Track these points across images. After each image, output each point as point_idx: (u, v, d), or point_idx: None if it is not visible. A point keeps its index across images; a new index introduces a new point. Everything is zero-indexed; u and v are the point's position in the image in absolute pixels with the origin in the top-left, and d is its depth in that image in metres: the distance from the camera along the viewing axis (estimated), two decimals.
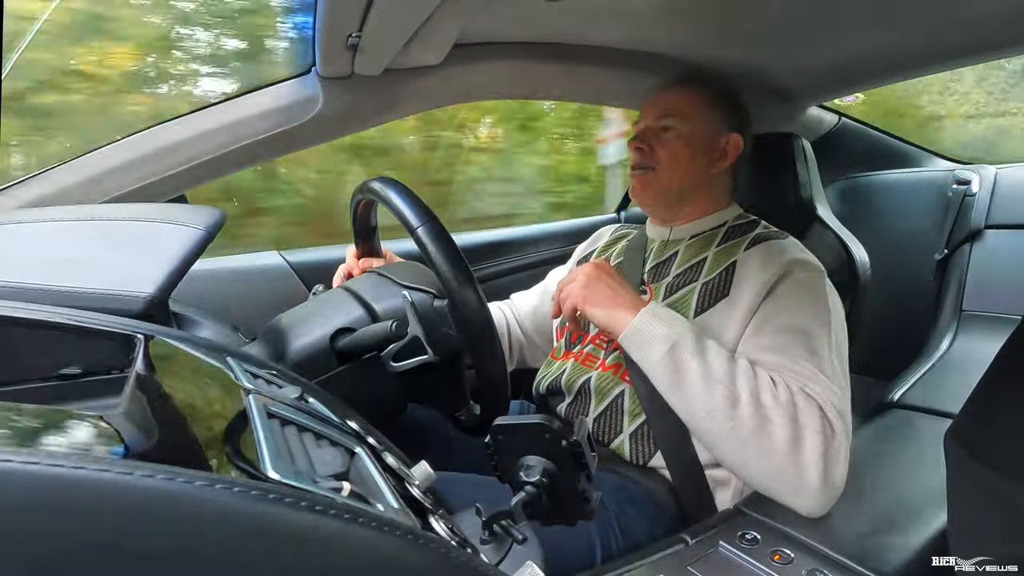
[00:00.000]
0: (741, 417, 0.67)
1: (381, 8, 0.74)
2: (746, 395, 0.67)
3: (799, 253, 0.82)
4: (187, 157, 0.92)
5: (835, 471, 0.66)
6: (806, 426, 0.66)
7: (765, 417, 0.66)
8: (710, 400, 0.68)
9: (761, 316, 0.77)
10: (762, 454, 0.66)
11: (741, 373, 0.69)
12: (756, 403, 0.67)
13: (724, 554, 0.62)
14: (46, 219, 0.68)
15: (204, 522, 0.24)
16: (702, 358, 0.70)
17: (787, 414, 0.66)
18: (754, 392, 0.68)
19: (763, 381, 0.69)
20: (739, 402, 0.67)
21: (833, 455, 0.66)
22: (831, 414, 0.68)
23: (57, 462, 0.22)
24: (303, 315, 0.73)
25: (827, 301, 0.78)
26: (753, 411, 0.67)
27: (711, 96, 0.92)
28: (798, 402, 0.68)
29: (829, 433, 0.67)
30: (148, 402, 0.37)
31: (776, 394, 0.68)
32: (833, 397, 0.69)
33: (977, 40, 1.07)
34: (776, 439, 0.66)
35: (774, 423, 0.66)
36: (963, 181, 1.42)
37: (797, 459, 0.65)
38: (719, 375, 0.69)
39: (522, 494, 0.45)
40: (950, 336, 1.32)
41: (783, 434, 0.66)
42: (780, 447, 0.66)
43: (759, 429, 0.66)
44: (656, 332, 0.72)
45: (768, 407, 0.67)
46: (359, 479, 0.36)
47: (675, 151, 0.90)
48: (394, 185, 0.71)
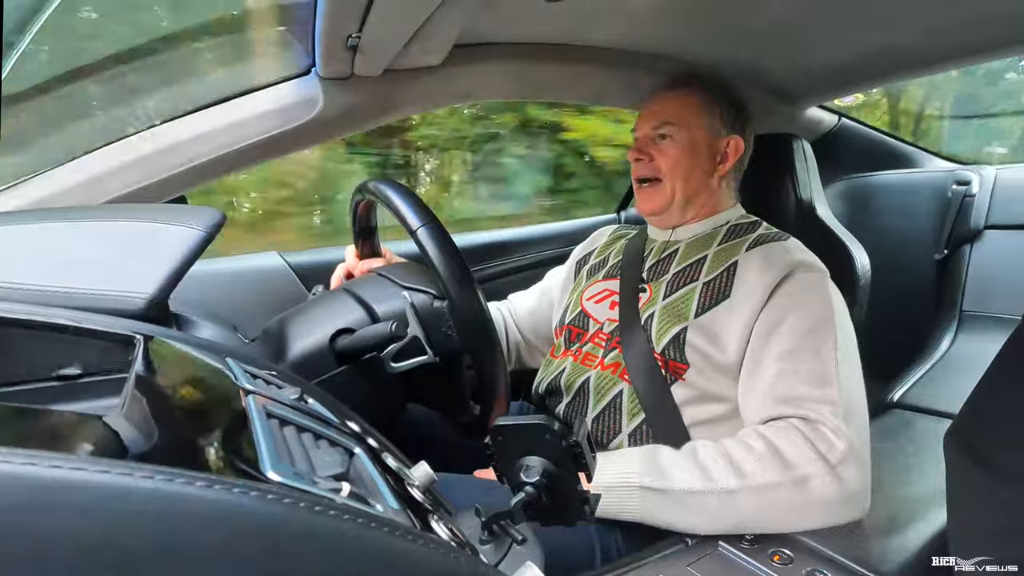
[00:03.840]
0: (743, 503, 0.65)
1: (381, 9, 0.74)
2: (734, 482, 0.66)
3: (801, 254, 0.82)
4: (187, 158, 0.92)
5: (851, 474, 0.65)
6: (798, 463, 0.65)
7: (763, 486, 0.65)
8: (704, 513, 0.66)
9: (765, 321, 0.76)
10: (782, 513, 0.65)
11: (713, 465, 0.67)
12: (745, 481, 0.65)
13: (724, 554, 0.62)
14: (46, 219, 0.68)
15: (204, 523, 0.24)
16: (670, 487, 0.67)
17: (777, 464, 0.65)
18: (738, 473, 0.66)
19: (735, 452, 0.68)
20: (732, 494, 0.65)
21: (844, 470, 0.65)
22: (829, 426, 0.67)
23: (56, 463, 0.22)
24: (303, 316, 0.74)
25: (831, 302, 0.77)
26: (748, 491, 0.65)
27: (708, 99, 0.92)
28: (779, 444, 0.67)
29: (831, 449, 0.66)
30: (148, 403, 0.37)
31: (754, 451, 0.67)
32: (835, 399, 0.69)
33: (977, 40, 1.07)
34: (783, 495, 0.65)
35: (773, 484, 0.65)
36: (963, 181, 1.42)
37: (811, 496, 0.65)
38: (696, 486, 0.66)
39: (522, 495, 0.45)
40: (950, 336, 1.32)
41: (787, 488, 0.65)
42: (790, 499, 0.65)
43: (764, 499, 0.65)
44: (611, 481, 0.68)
45: (757, 475, 0.65)
46: (358, 479, 0.36)
47: (675, 159, 0.89)
48: (394, 186, 0.71)
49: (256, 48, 1.05)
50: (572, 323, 0.96)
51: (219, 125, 0.93)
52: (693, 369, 0.79)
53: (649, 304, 0.86)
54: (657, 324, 0.83)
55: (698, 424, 0.79)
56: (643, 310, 0.86)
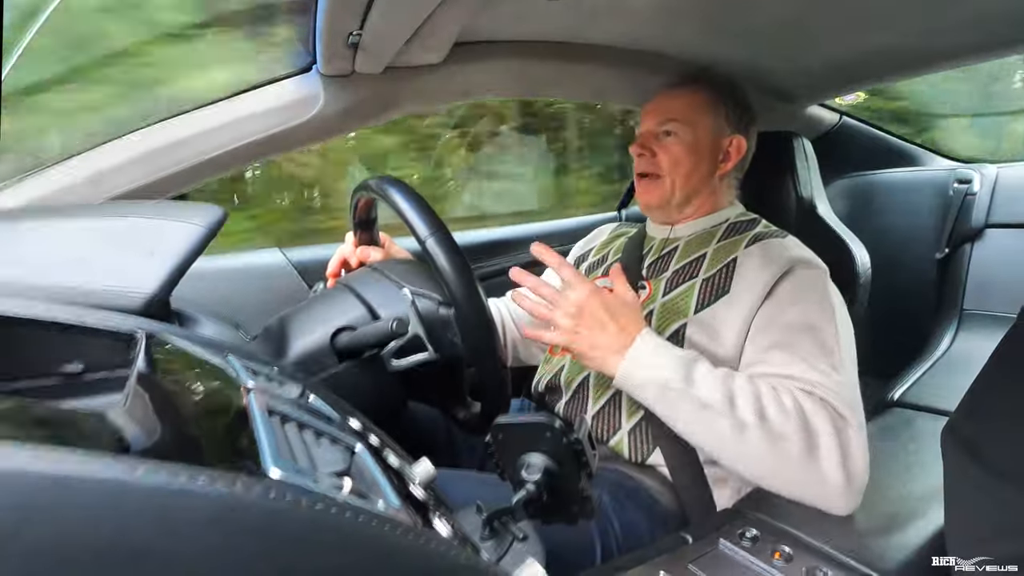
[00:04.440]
0: (751, 442, 0.65)
1: (382, 6, 0.74)
2: (752, 417, 0.66)
3: (800, 252, 0.82)
4: (188, 155, 0.92)
5: (855, 466, 0.65)
6: (818, 431, 0.65)
7: (776, 434, 0.65)
8: (712, 433, 0.67)
9: (764, 315, 0.76)
10: (781, 469, 0.66)
11: (740, 395, 0.67)
12: (763, 422, 0.65)
13: (725, 552, 0.62)
14: (47, 217, 0.68)
15: (205, 519, 0.24)
16: (693, 395, 0.68)
17: (798, 424, 0.65)
18: (759, 412, 0.66)
19: (766, 396, 0.67)
20: (746, 427, 0.65)
21: (851, 451, 0.65)
22: (842, 409, 0.67)
23: (59, 460, 0.22)
24: (304, 313, 0.74)
25: (831, 299, 0.77)
26: (762, 432, 0.65)
27: (713, 98, 0.92)
28: (805, 407, 0.67)
29: (843, 429, 0.66)
30: (149, 400, 0.37)
31: (782, 405, 0.67)
32: (844, 390, 0.69)
33: (977, 40, 1.07)
34: (792, 453, 0.65)
35: (787, 438, 0.65)
36: (964, 180, 1.42)
37: (816, 466, 0.65)
38: (718, 406, 0.67)
39: (522, 492, 0.45)
40: (950, 335, 1.32)
41: (797, 447, 0.65)
42: (797, 458, 0.65)
43: (772, 447, 0.65)
44: (642, 376, 0.70)
45: (776, 422, 0.65)
46: (360, 477, 0.36)
47: (677, 156, 0.90)
48: (403, 190, 0.70)
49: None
50: None
51: (220, 122, 0.93)
52: None
53: (649, 301, 0.87)
54: (657, 321, 0.83)
55: None
56: (643, 307, 0.86)
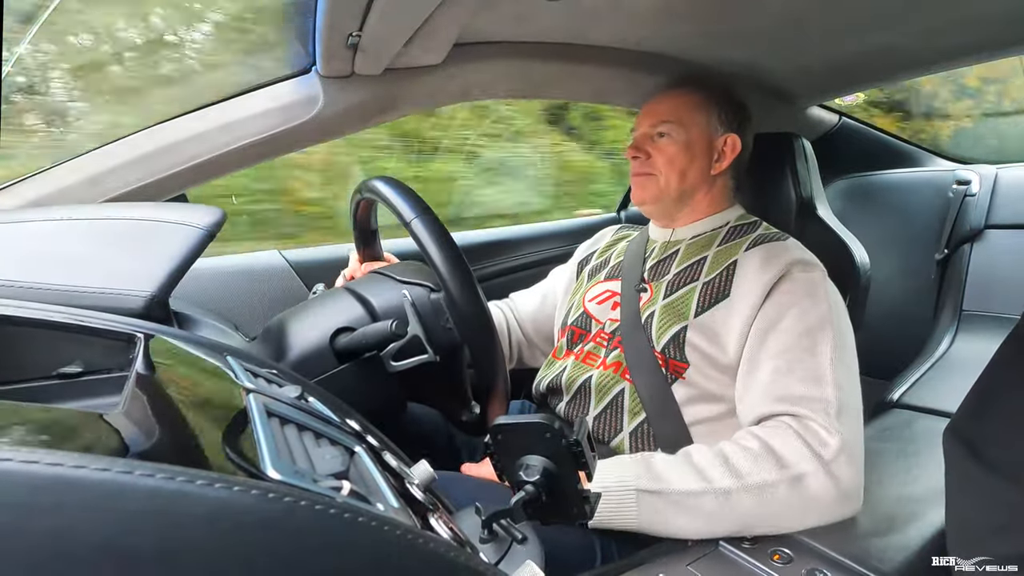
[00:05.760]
0: (741, 503, 0.65)
1: (381, 7, 0.74)
2: (730, 482, 0.65)
3: (800, 253, 0.82)
4: (187, 156, 0.92)
5: (845, 478, 0.65)
6: (795, 462, 0.65)
7: (759, 485, 0.65)
8: (701, 514, 0.65)
9: (762, 320, 0.76)
10: (778, 512, 0.65)
11: (709, 466, 0.66)
12: (742, 481, 0.65)
13: (724, 554, 0.62)
14: (47, 218, 0.68)
15: (204, 521, 0.24)
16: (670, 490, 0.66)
17: (773, 464, 0.65)
18: (734, 473, 0.66)
19: (731, 453, 0.67)
20: (730, 494, 0.65)
21: (837, 467, 0.65)
22: (821, 423, 0.67)
23: (57, 461, 0.22)
24: (303, 314, 0.74)
25: (828, 299, 0.77)
26: (745, 490, 0.65)
27: (706, 98, 0.92)
28: (774, 444, 0.67)
29: (824, 444, 0.66)
30: (148, 401, 0.37)
31: (750, 453, 0.67)
32: (829, 396, 0.69)
33: (977, 40, 1.07)
34: (780, 496, 0.64)
35: (770, 483, 0.65)
36: (963, 181, 1.42)
37: (806, 494, 0.65)
38: (694, 487, 0.65)
39: (522, 493, 0.45)
40: (950, 336, 1.32)
41: (784, 487, 0.64)
42: (787, 497, 0.64)
43: (761, 498, 0.65)
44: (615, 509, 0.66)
45: (753, 474, 0.65)
46: (359, 478, 0.36)
47: (672, 156, 0.90)
48: (389, 181, 0.71)
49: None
50: (575, 324, 0.96)
51: (219, 124, 0.93)
52: (693, 368, 0.79)
53: (650, 303, 0.87)
54: (657, 323, 0.83)
55: (699, 423, 0.79)
56: (643, 309, 0.87)
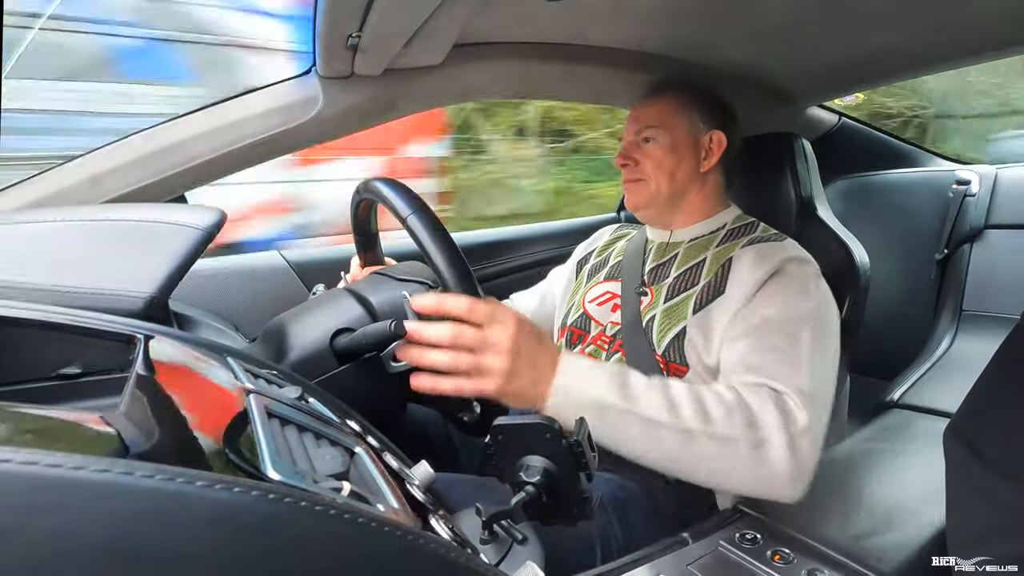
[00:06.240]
0: (700, 448, 0.64)
1: (381, 8, 0.74)
2: (697, 424, 0.64)
3: (795, 251, 0.82)
4: (187, 157, 0.92)
5: (803, 456, 0.64)
6: (765, 424, 0.64)
7: (724, 437, 0.64)
8: (661, 447, 0.64)
9: (747, 309, 0.77)
10: (733, 471, 0.64)
11: (683, 403, 0.65)
12: (709, 427, 0.64)
13: (724, 554, 0.62)
14: (46, 219, 0.68)
15: (204, 523, 0.24)
16: (634, 406, 0.65)
17: (743, 420, 0.64)
18: (703, 416, 0.65)
19: (707, 398, 0.66)
20: (693, 435, 0.64)
21: (799, 443, 0.64)
22: (794, 400, 0.66)
23: (56, 462, 0.22)
24: (303, 315, 0.73)
25: (818, 297, 0.77)
26: (709, 437, 0.64)
27: (686, 99, 0.93)
28: (750, 402, 0.66)
29: (792, 421, 0.65)
30: (148, 402, 0.37)
31: (724, 402, 0.66)
32: (802, 381, 0.68)
33: (977, 40, 1.07)
34: (741, 452, 0.64)
35: (734, 438, 0.64)
36: (963, 181, 1.42)
37: (766, 461, 0.64)
38: (661, 418, 0.64)
39: (522, 494, 0.45)
40: (950, 336, 1.32)
41: (746, 445, 0.64)
42: (746, 457, 0.64)
43: (721, 450, 0.64)
44: (576, 403, 0.64)
45: (721, 423, 0.64)
46: (359, 479, 0.36)
47: (659, 159, 0.91)
48: (384, 180, 0.71)
49: None
50: (574, 325, 0.96)
51: (219, 124, 0.93)
52: (692, 371, 0.79)
53: (650, 307, 0.87)
54: (658, 326, 0.83)
55: None
56: (644, 313, 0.87)
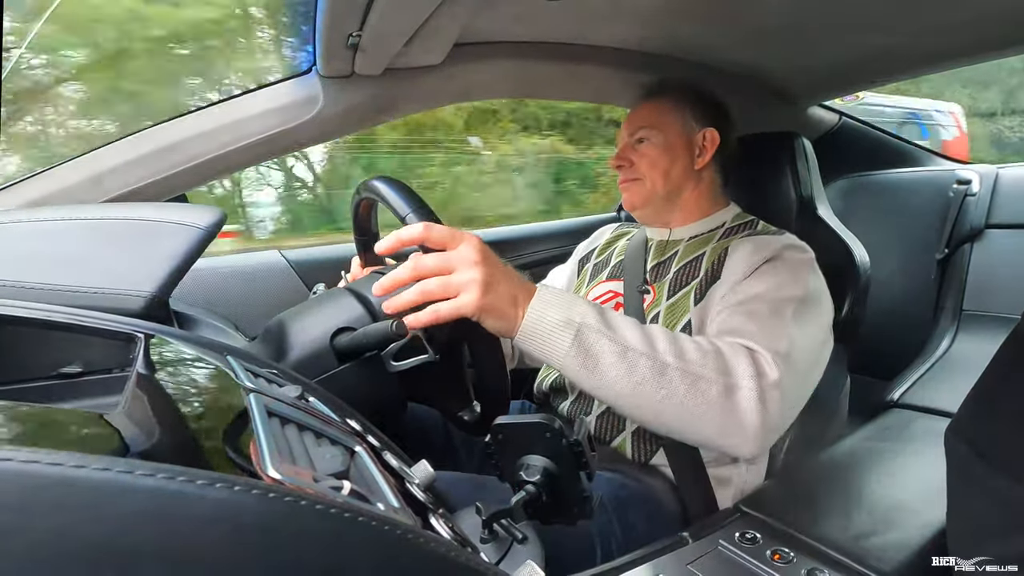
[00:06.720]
0: (672, 383, 0.62)
1: (381, 8, 0.74)
2: (672, 359, 0.63)
3: (792, 240, 0.83)
4: (188, 157, 0.92)
5: (772, 411, 0.63)
6: (737, 372, 0.64)
7: (696, 375, 0.63)
8: (634, 374, 0.62)
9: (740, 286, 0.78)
10: (699, 414, 0.63)
11: (659, 338, 0.64)
12: (683, 363, 0.63)
13: (724, 553, 0.62)
14: (47, 218, 0.68)
15: (204, 521, 0.24)
16: (613, 333, 0.63)
17: (715, 364, 0.64)
18: (678, 353, 0.63)
19: (683, 338, 0.66)
20: (667, 368, 0.62)
21: (768, 397, 0.63)
22: (770, 358, 0.66)
23: (57, 461, 0.22)
24: (303, 314, 0.73)
25: (808, 283, 0.77)
26: (682, 373, 0.62)
27: (677, 98, 0.94)
28: (724, 349, 0.66)
29: (764, 374, 0.64)
30: (149, 401, 0.37)
31: (700, 346, 0.65)
32: (779, 345, 0.67)
33: (977, 40, 1.07)
34: (711, 395, 0.62)
35: (706, 379, 0.63)
36: (964, 181, 1.42)
37: (734, 409, 0.63)
38: (637, 346, 0.63)
39: (522, 493, 0.45)
40: (950, 336, 1.32)
41: (716, 387, 0.63)
42: (716, 400, 0.62)
43: (692, 388, 0.62)
44: (554, 319, 0.62)
45: (695, 362, 0.63)
46: (359, 478, 0.36)
47: (653, 159, 0.91)
48: (385, 179, 0.71)
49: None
50: None
51: (219, 124, 0.94)
52: None
53: (653, 305, 0.87)
54: (662, 324, 0.83)
55: None
56: (648, 311, 0.87)
